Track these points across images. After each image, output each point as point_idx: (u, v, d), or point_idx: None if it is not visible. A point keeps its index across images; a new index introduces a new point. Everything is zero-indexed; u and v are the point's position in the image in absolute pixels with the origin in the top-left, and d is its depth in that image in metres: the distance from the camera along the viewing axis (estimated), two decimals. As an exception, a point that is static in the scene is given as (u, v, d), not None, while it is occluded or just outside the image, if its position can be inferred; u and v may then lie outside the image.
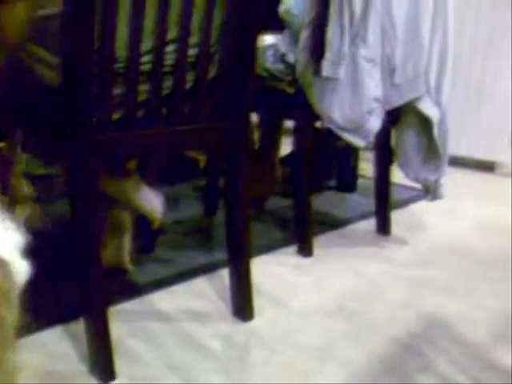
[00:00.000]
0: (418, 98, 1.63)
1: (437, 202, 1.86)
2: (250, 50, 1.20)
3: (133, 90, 1.00)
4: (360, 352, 1.18)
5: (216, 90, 1.17)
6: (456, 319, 1.34)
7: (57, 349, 1.12)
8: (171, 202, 1.72)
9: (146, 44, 1.00)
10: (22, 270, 0.80)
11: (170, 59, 1.04)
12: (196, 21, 1.06)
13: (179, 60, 1.06)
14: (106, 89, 0.97)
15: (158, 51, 1.02)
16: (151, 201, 1.41)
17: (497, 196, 2.55)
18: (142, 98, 1.02)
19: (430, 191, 1.77)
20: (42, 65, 1.00)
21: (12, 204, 0.84)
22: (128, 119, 1.02)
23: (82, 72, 0.93)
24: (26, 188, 0.87)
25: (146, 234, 1.51)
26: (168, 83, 1.06)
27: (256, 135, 2.32)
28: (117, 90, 0.99)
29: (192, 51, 1.08)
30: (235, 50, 1.16)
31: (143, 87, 1.02)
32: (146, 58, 1.01)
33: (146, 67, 1.01)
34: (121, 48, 0.96)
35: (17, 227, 0.83)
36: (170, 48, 1.04)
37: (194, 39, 1.07)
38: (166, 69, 1.05)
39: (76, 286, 1.07)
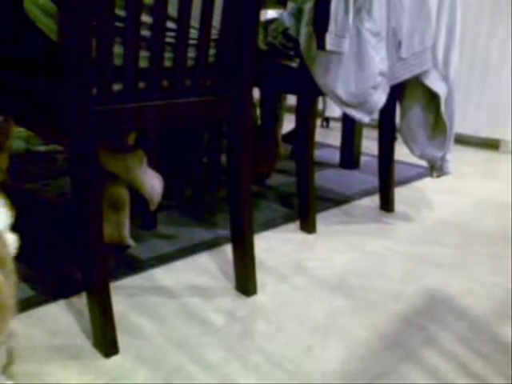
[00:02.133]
0: (424, 73, 1.60)
1: (440, 180, 1.85)
2: (251, 23, 1.17)
3: (133, 60, 0.98)
4: (363, 327, 1.18)
5: (217, 62, 1.15)
6: (458, 294, 1.34)
7: (60, 323, 1.12)
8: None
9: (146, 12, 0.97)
10: (10, 241, 0.80)
11: (169, 35, 1.02)
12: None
13: (180, 34, 1.03)
14: (106, 58, 0.95)
15: (158, 22, 0.99)
16: (151, 181, 1.40)
17: (501, 174, 2.55)
18: (142, 65, 0.99)
19: (436, 167, 1.76)
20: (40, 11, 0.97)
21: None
22: (129, 91, 1.00)
23: (80, 41, 0.91)
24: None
25: (147, 210, 1.50)
26: (169, 55, 1.04)
27: (258, 112, 2.31)
28: (117, 61, 0.96)
29: (193, 29, 1.06)
30: (237, 23, 1.14)
31: (143, 56, 1.00)
32: (146, 26, 0.98)
33: (146, 33, 0.99)
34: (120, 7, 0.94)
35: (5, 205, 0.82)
36: (170, 23, 1.02)
37: (195, 12, 1.05)
38: (167, 40, 1.03)
39: (78, 260, 1.06)
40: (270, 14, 2.14)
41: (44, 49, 1.01)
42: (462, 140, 3.07)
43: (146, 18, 0.98)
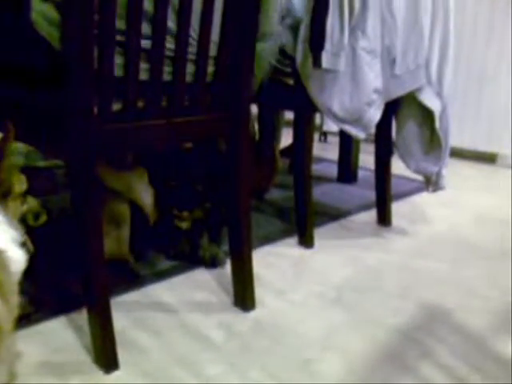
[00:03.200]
0: (418, 89, 1.63)
1: (437, 194, 1.87)
2: (249, 42, 1.20)
3: (134, 79, 1.00)
4: (360, 341, 1.19)
5: (216, 81, 1.17)
6: (455, 308, 1.35)
7: (60, 339, 1.13)
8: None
9: (146, 28, 0.99)
10: (18, 258, 0.80)
11: (169, 49, 1.05)
12: (196, 13, 1.06)
13: (179, 49, 1.06)
14: (107, 68, 0.96)
15: (158, 38, 1.01)
16: (152, 197, 1.42)
17: (498, 188, 2.56)
18: (142, 76, 1.01)
19: (432, 182, 1.78)
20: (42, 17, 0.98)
21: (3, 198, 0.83)
22: (128, 110, 1.02)
23: (82, 48, 0.93)
24: (19, 183, 0.87)
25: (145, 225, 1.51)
26: (169, 69, 1.06)
27: (256, 127, 2.33)
28: (118, 72, 0.98)
29: (192, 43, 1.09)
30: (235, 42, 1.16)
31: (143, 69, 1.02)
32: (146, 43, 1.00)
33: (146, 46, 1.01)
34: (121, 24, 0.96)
35: (9, 221, 0.83)
36: (169, 39, 1.04)
37: (194, 31, 1.08)
38: (167, 53, 1.05)
39: (78, 276, 1.07)
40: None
41: (46, 60, 1.03)
42: (459, 153, 3.09)
43: (145, 30, 1.00)
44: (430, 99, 1.64)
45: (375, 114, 1.58)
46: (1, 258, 0.76)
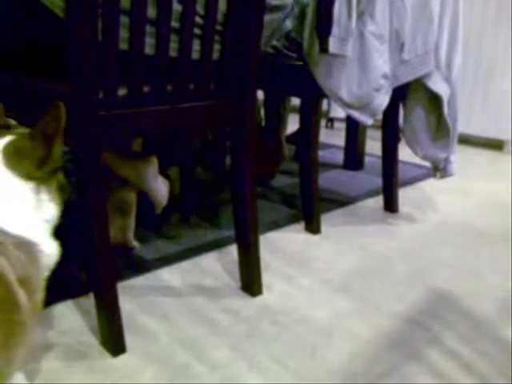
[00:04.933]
0: (427, 75, 1.61)
1: (444, 180, 1.86)
2: (255, 26, 1.19)
3: (139, 64, 0.99)
4: (367, 327, 1.19)
5: (221, 66, 1.16)
6: (462, 295, 1.35)
7: (67, 323, 1.14)
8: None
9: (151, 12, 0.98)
10: (50, 252, 0.79)
11: (175, 32, 1.03)
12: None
13: (185, 32, 1.05)
14: (111, 62, 0.96)
15: (163, 21, 1.00)
16: (160, 186, 1.42)
17: (505, 174, 2.55)
18: (148, 51, 0.99)
19: (439, 169, 1.76)
20: None
21: (52, 175, 0.81)
22: (134, 95, 1.01)
23: (86, 43, 0.92)
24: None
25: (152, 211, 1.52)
26: (175, 49, 1.05)
27: (262, 113, 2.32)
28: (123, 45, 0.96)
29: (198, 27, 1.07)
30: (241, 26, 1.15)
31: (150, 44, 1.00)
32: (151, 29, 0.99)
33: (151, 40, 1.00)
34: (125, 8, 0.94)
35: (53, 199, 0.81)
36: (175, 22, 1.03)
37: (200, 13, 1.06)
38: (172, 43, 1.04)
39: (85, 261, 1.08)
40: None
41: (49, 30, 1.01)
42: (467, 140, 3.08)
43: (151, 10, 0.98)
44: (438, 85, 1.62)
45: (383, 100, 1.56)
46: (33, 252, 0.75)
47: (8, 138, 0.78)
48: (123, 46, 0.96)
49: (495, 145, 3.12)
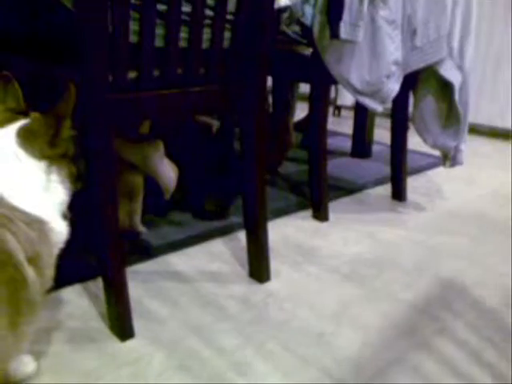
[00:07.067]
0: (439, 62, 1.59)
1: (452, 169, 1.85)
2: (266, 12, 1.17)
3: (149, 47, 0.98)
4: (375, 315, 1.18)
5: (231, 51, 1.15)
6: (470, 284, 1.35)
7: (76, 307, 1.14)
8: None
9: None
10: (60, 229, 0.80)
11: (186, 13, 1.02)
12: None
13: (195, 18, 1.03)
14: (121, 46, 0.95)
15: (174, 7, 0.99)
16: (167, 170, 1.41)
17: (513, 164, 2.53)
18: (158, 43, 0.99)
19: (449, 157, 1.75)
20: None
21: (61, 159, 0.84)
22: (144, 78, 1.00)
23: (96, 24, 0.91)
24: (72, 145, 0.87)
25: (159, 197, 1.51)
26: (185, 36, 1.04)
27: (270, 100, 2.30)
28: (133, 38, 0.96)
29: (208, 12, 1.06)
30: (251, 12, 1.13)
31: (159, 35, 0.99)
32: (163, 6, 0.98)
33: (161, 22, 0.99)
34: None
35: (62, 181, 0.83)
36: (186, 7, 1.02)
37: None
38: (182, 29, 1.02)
39: (94, 246, 1.07)
40: (282, 1, 2.13)
41: (60, 22, 1.01)
42: (475, 129, 3.05)
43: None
44: (450, 72, 1.60)
45: (394, 87, 1.54)
46: (43, 229, 0.76)
47: (23, 121, 0.81)
48: (133, 38, 0.95)
49: (503, 134, 3.10)
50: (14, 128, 0.80)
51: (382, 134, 2.49)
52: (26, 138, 0.79)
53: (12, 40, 1.12)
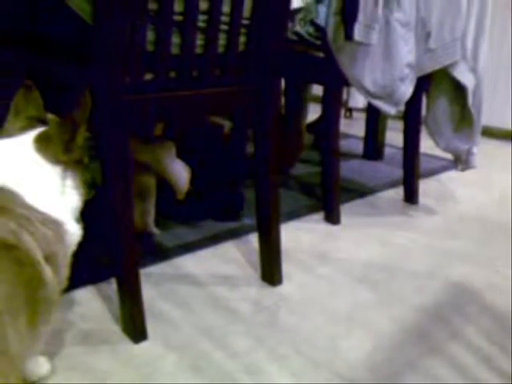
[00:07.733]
0: (452, 64, 1.58)
1: (465, 173, 1.84)
2: (281, 12, 1.17)
3: (166, 48, 0.99)
4: (387, 319, 1.18)
5: (246, 51, 1.15)
6: (482, 288, 1.34)
7: (89, 308, 1.15)
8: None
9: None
10: (74, 231, 0.82)
11: (202, 20, 1.03)
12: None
13: (212, 20, 1.04)
14: (138, 48, 0.95)
15: (191, 9, 0.99)
16: (179, 171, 1.42)
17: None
18: (174, 51, 1.00)
19: (461, 161, 1.74)
20: None
21: (76, 164, 0.85)
22: (160, 80, 1.01)
23: (114, 23, 0.91)
24: (86, 153, 0.89)
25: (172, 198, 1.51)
26: (201, 42, 1.04)
27: (282, 101, 2.30)
28: (150, 47, 0.97)
29: (225, 18, 1.06)
30: (267, 12, 1.13)
31: (175, 43, 1.00)
32: (179, 17, 0.99)
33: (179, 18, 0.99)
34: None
35: (77, 186, 0.85)
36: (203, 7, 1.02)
37: (226, 4, 1.05)
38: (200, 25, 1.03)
39: (108, 247, 1.08)
40: (295, 2, 2.13)
41: (77, 34, 1.02)
42: (487, 132, 3.03)
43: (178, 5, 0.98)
44: (463, 74, 1.59)
45: (407, 90, 1.54)
46: (59, 230, 0.78)
47: (40, 129, 0.83)
48: (150, 47, 0.96)
49: (516, 137, 3.07)
50: (32, 135, 0.82)
51: (394, 136, 2.48)
52: (41, 143, 0.80)
53: (27, 40, 1.13)
